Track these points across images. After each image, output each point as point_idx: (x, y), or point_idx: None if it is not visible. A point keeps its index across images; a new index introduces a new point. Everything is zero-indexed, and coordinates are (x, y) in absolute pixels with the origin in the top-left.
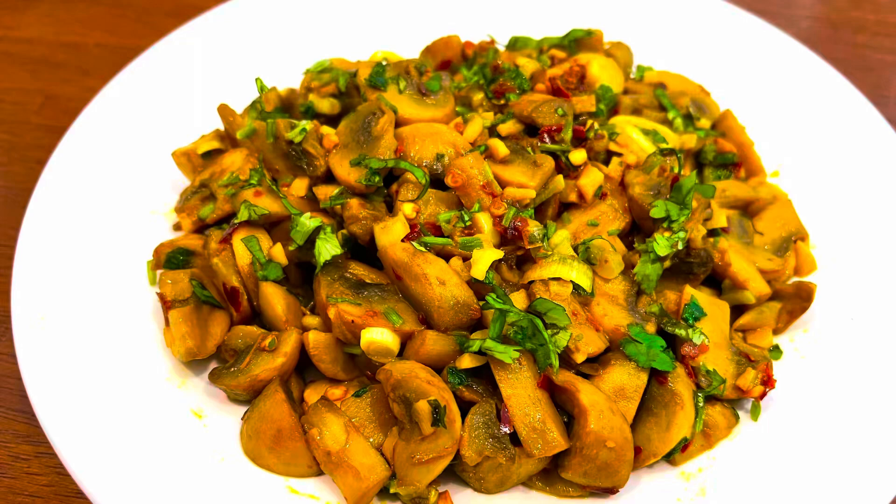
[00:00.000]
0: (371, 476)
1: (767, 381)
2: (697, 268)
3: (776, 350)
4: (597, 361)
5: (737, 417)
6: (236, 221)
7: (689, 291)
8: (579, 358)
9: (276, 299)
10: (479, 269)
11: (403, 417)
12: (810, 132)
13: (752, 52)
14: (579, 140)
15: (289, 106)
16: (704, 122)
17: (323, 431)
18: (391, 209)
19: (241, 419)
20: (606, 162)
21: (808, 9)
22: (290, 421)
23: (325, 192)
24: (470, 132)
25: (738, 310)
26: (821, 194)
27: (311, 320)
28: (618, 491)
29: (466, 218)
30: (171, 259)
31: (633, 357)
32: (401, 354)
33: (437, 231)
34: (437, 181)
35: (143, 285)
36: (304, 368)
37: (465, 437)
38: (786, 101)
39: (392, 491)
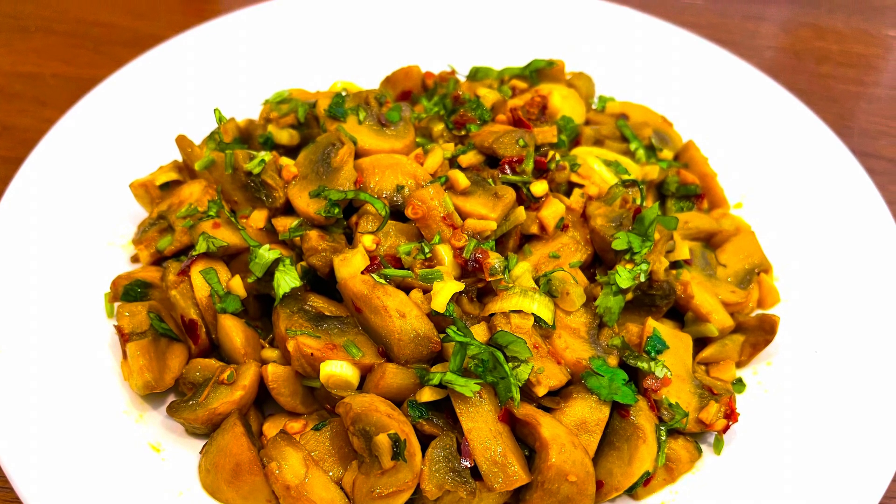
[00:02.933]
0: None
1: (730, 415)
2: (660, 300)
3: (739, 383)
4: (558, 395)
5: (699, 451)
6: (194, 253)
7: (652, 324)
8: (540, 391)
9: (234, 332)
10: (440, 301)
11: (363, 451)
12: (774, 163)
13: (715, 82)
14: (540, 171)
15: (247, 137)
16: (667, 153)
17: (282, 465)
18: (351, 241)
19: (200, 453)
20: (568, 193)
21: (772, 39)
22: (248, 455)
23: (285, 223)
24: (430, 163)
25: (700, 342)
26: (784, 226)
27: (269, 353)
28: None
29: (427, 250)
30: (128, 291)
31: (594, 390)
32: (360, 388)
33: (397, 263)
34: (397, 213)
35: (100, 318)
36: (262, 402)
37: (426, 470)
38: (749, 132)
39: None
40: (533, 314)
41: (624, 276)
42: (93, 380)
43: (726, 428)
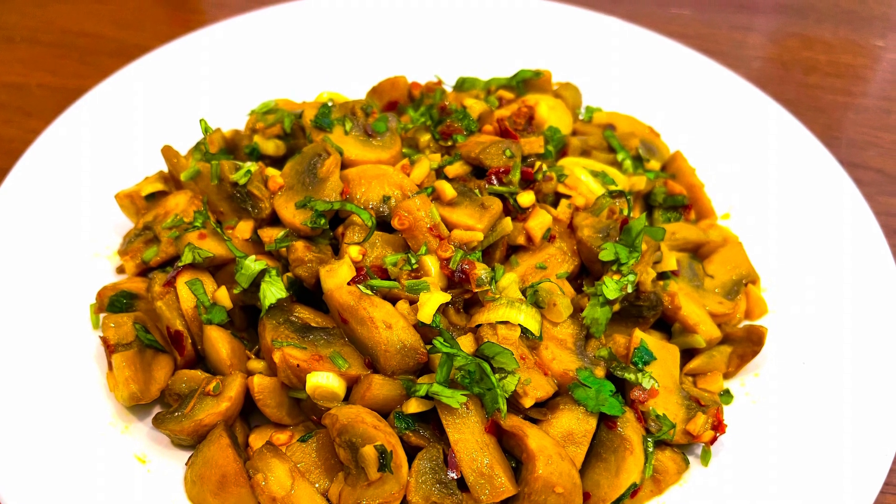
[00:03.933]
0: None
1: (718, 426)
2: (647, 311)
3: (727, 394)
4: (545, 406)
5: (687, 462)
6: (180, 264)
7: (639, 335)
8: (527, 402)
9: (220, 343)
10: (426, 312)
11: (349, 463)
12: (761, 174)
13: (702, 92)
14: (527, 182)
15: (233, 147)
16: (654, 164)
17: (268, 477)
18: (337, 252)
19: (186, 464)
20: (555, 204)
21: (759, 49)
22: (234, 466)
23: (271, 234)
24: (417, 174)
25: (688, 353)
26: (772, 237)
27: (255, 364)
28: None
29: (413, 261)
30: (114, 302)
31: (581, 401)
32: (347, 399)
33: (384, 274)
34: (383, 224)
35: (86, 329)
36: (248, 413)
37: (412, 482)
38: (736, 143)
39: None
40: (520, 325)
41: (611, 287)
42: (78, 391)
43: (714, 439)
